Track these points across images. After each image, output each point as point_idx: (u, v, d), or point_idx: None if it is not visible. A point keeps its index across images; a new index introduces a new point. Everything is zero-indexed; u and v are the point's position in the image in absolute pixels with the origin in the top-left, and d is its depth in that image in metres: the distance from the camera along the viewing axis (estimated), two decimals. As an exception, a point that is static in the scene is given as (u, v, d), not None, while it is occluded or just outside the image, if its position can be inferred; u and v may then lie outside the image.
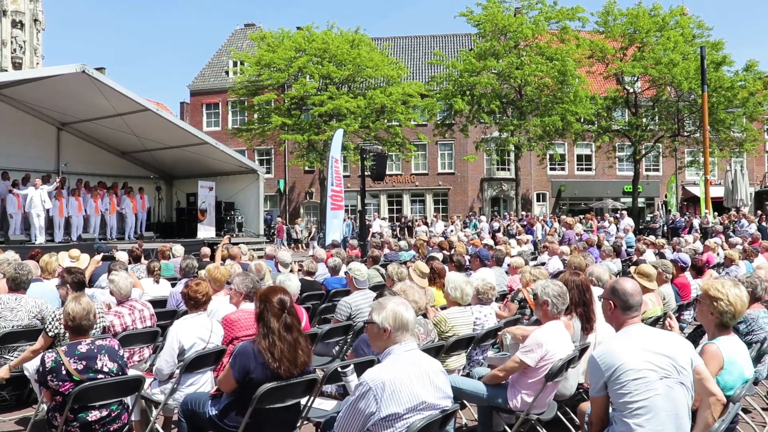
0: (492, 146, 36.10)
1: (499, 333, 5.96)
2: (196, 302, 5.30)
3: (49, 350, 4.65)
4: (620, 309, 3.81)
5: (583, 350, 5.21)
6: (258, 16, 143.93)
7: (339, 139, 23.49)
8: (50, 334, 5.60)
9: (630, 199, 37.20)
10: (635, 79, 34.40)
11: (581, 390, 5.67)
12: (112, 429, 4.54)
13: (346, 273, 10.11)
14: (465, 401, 5.35)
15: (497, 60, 32.14)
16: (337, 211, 22.97)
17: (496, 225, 25.98)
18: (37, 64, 35.40)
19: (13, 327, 6.12)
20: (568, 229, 20.27)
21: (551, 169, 42.26)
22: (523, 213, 32.24)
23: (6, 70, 31.87)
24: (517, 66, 31.38)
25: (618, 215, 25.84)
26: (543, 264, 11.93)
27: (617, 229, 21.80)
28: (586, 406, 4.42)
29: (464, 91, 32.13)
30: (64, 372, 4.36)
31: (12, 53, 34.78)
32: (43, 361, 4.45)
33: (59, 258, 9.38)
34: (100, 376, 4.46)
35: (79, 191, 19.91)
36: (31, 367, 5.59)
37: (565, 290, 5.00)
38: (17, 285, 6.41)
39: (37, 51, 36.42)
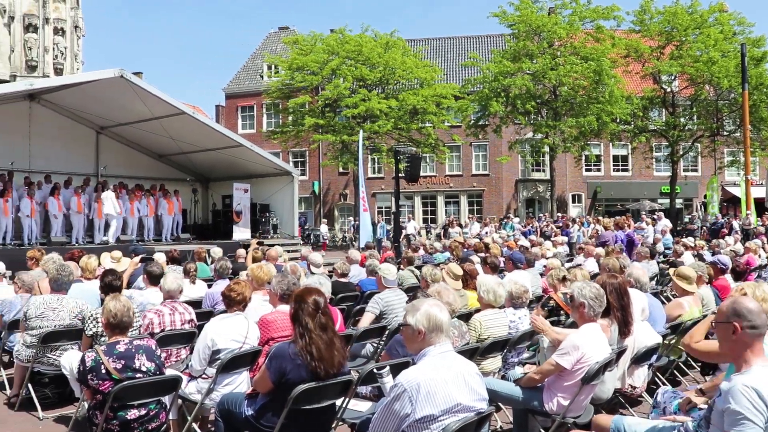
0: (526, 147, 35.82)
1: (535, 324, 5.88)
2: (230, 301, 5.36)
3: (89, 350, 4.75)
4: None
5: (620, 353, 5.15)
6: (292, 19, 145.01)
7: (360, 141, 23.70)
8: (88, 333, 5.73)
9: (667, 200, 36.61)
10: (673, 78, 33.81)
11: (618, 394, 5.61)
12: (150, 428, 4.62)
13: (375, 273, 10.17)
14: (500, 404, 5.33)
15: (531, 61, 31.89)
16: (367, 212, 23.02)
17: (524, 226, 25.78)
18: (77, 69, 36.08)
19: (55, 327, 6.27)
20: (606, 230, 20.01)
21: (587, 170, 41.79)
22: (559, 214, 31.93)
23: (48, 76, 32.53)
24: (552, 66, 31.10)
25: (655, 216, 25.43)
26: (579, 266, 11.80)
27: (654, 230, 21.46)
28: (604, 419, 4.36)
29: (499, 92, 31.96)
30: (103, 371, 4.46)
31: (54, 59, 35.52)
32: (83, 361, 4.55)
33: (101, 259, 9.58)
34: (138, 375, 4.56)
35: (118, 194, 20.25)
36: (69, 366, 5.71)
37: (602, 292, 4.94)
38: (59, 286, 6.56)
39: (78, 57, 37.14)
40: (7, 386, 6.85)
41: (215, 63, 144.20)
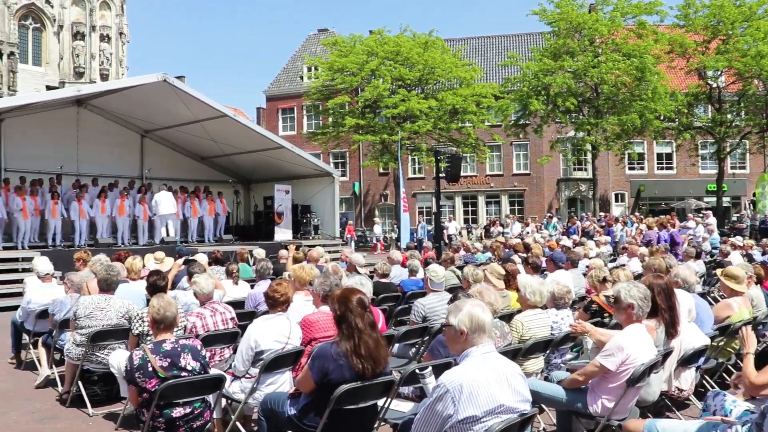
0: (568, 146, 35.38)
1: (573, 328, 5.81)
2: (273, 302, 5.40)
3: (137, 348, 4.86)
4: None
5: (666, 355, 5.06)
6: (331, 21, 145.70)
7: (398, 145, 23.68)
8: (135, 332, 5.86)
9: (714, 199, 35.77)
10: (719, 73, 32.93)
11: (664, 396, 5.51)
12: (195, 426, 4.69)
13: (415, 273, 10.16)
14: (543, 405, 5.27)
15: (572, 58, 31.50)
16: (407, 213, 23.03)
17: (565, 226, 25.44)
18: (122, 74, 36.89)
19: (103, 326, 6.42)
20: (650, 229, 19.66)
21: (630, 168, 41.10)
22: (601, 214, 31.47)
23: (95, 82, 33.31)
24: (593, 64, 30.67)
25: (702, 215, 24.88)
26: (622, 266, 11.63)
27: (703, 229, 20.99)
28: (636, 424, 4.28)
29: (539, 91, 31.65)
30: (150, 369, 4.56)
31: (100, 65, 36.40)
32: (131, 359, 4.66)
33: (145, 260, 9.77)
34: (183, 374, 4.64)
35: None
36: (116, 365, 5.84)
37: (648, 293, 4.87)
38: (107, 286, 6.72)
39: (122, 62, 37.97)
40: (59, 383, 7.04)
41: (256, 66, 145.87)
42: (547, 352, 5.91)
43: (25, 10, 34.70)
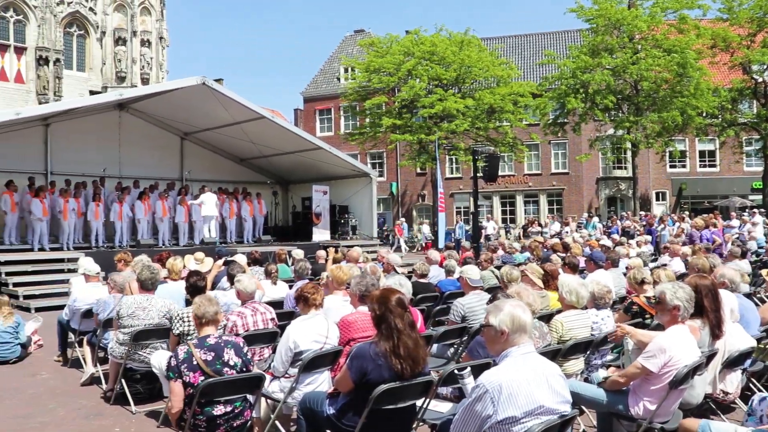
0: (607, 144, 34.86)
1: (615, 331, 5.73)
2: (305, 301, 5.44)
3: (182, 344, 4.95)
4: None
5: (710, 357, 4.96)
6: (367, 22, 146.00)
7: (436, 144, 23.61)
8: (175, 332, 5.95)
9: (759, 197, 34.88)
10: (765, 67, 32.06)
11: (708, 399, 5.40)
12: (235, 425, 4.75)
13: (452, 273, 10.12)
14: (583, 407, 5.21)
15: (611, 55, 31.04)
16: (443, 213, 22.99)
17: (605, 225, 25.09)
18: (162, 78, 37.49)
19: (145, 325, 6.53)
20: (693, 228, 19.29)
21: (671, 166, 40.29)
22: (642, 212, 30.95)
23: (136, 86, 33.93)
24: (633, 60, 30.18)
25: (746, 213, 24.30)
26: (664, 266, 11.42)
27: (751, 228, 20.45)
28: (691, 423, 4.20)
29: (577, 89, 31.27)
30: (194, 362, 4.64)
31: (141, 70, 37.07)
32: (176, 354, 4.75)
33: (185, 260, 9.92)
34: (226, 369, 4.71)
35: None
36: (158, 365, 5.94)
37: (693, 294, 4.78)
38: (148, 286, 6.83)
39: (163, 66, 38.58)
40: (103, 381, 7.18)
41: (293, 68, 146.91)
42: (588, 352, 5.84)
43: (70, 18, 35.54)
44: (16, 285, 14.56)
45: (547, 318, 6.33)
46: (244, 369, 4.84)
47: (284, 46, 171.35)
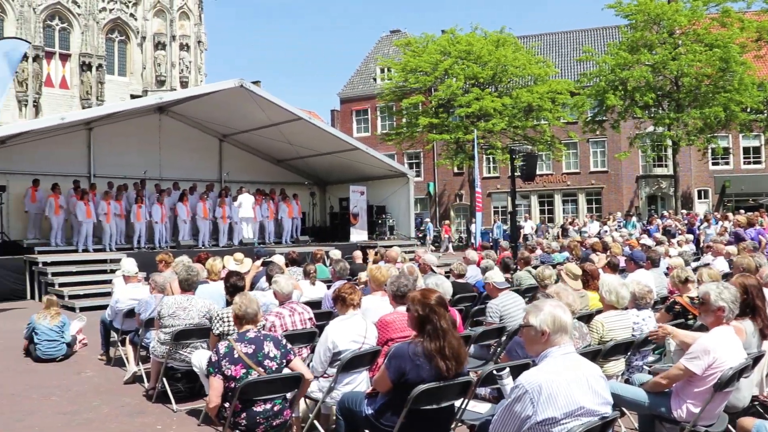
0: (647, 142, 34.26)
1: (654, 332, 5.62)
2: (343, 301, 5.48)
3: (222, 341, 5.03)
4: None
5: (757, 359, 4.84)
6: (403, 22, 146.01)
7: (475, 141, 23.45)
8: (215, 332, 6.02)
9: (807, 194, 33.99)
10: (813, 60, 31.24)
11: (756, 402, 5.27)
12: (275, 423, 4.79)
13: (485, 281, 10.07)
14: (624, 409, 5.13)
15: (650, 51, 30.52)
16: (480, 213, 22.87)
17: (646, 224, 24.61)
18: (201, 81, 37.98)
19: (185, 325, 6.63)
20: (738, 227, 18.82)
21: (714, 163, 39.41)
22: (683, 211, 30.36)
23: (175, 90, 34.46)
24: (673, 56, 29.64)
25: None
26: (707, 265, 11.19)
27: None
28: (748, 422, 4.10)
29: (616, 86, 30.81)
30: (236, 355, 4.71)
31: (180, 73, 37.62)
32: (217, 350, 4.83)
33: (224, 261, 10.03)
34: (267, 361, 4.78)
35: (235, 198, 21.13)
36: (198, 364, 6.02)
37: (738, 294, 4.67)
38: (188, 286, 6.93)
39: (201, 69, 39.09)
40: (145, 379, 7.31)
41: (330, 68, 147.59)
42: (628, 353, 5.76)
43: (112, 24, 36.28)
44: (61, 285, 14.91)
45: (586, 318, 6.25)
46: (284, 360, 4.90)
47: (320, 47, 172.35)
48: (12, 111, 31.60)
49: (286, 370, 4.89)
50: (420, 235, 33.13)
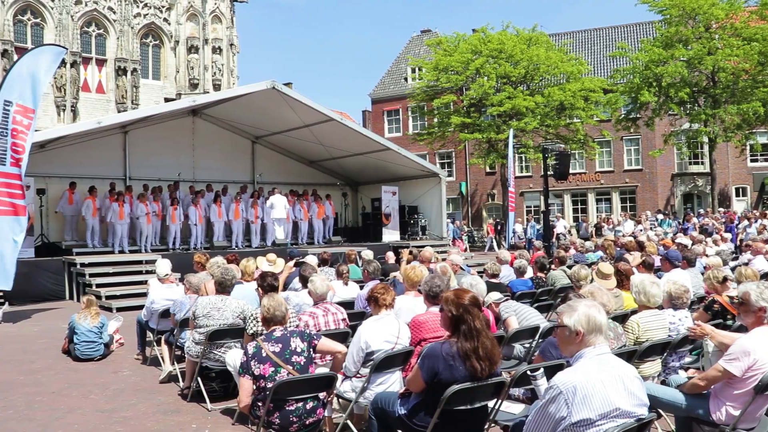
0: (682, 139, 33.64)
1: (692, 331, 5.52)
2: (376, 301, 5.49)
3: (251, 341, 5.08)
4: None
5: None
6: (434, 21, 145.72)
7: (510, 139, 23.18)
8: (249, 332, 6.06)
9: None
10: None
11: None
12: (308, 422, 4.81)
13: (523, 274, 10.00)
14: (661, 411, 5.05)
15: (686, 47, 29.98)
16: (513, 212, 22.71)
17: (682, 222, 24.22)
18: (233, 84, 38.34)
19: (219, 325, 6.69)
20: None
21: (752, 160, 38.59)
22: (721, 209, 29.78)
23: (208, 92, 34.85)
24: (709, 51, 29.08)
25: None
26: (746, 264, 10.97)
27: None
28: None
29: (650, 82, 30.33)
30: (264, 354, 4.78)
31: (213, 76, 38.06)
32: (246, 351, 4.90)
33: (258, 262, 10.11)
34: (294, 357, 4.83)
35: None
36: (232, 363, 6.07)
37: (782, 294, 4.57)
38: (223, 287, 7.00)
39: (233, 72, 39.47)
40: (180, 379, 7.40)
41: (361, 69, 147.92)
42: (665, 354, 5.66)
43: (146, 29, 36.87)
44: (99, 286, 15.17)
45: (621, 318, 6.17)
46: (309, 348, 4.95)
47: (352, 48, 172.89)
48: (51, 116, 32.28)
49: (319, 370, 4.91)
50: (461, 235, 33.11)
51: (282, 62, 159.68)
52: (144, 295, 11.26)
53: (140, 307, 9.65)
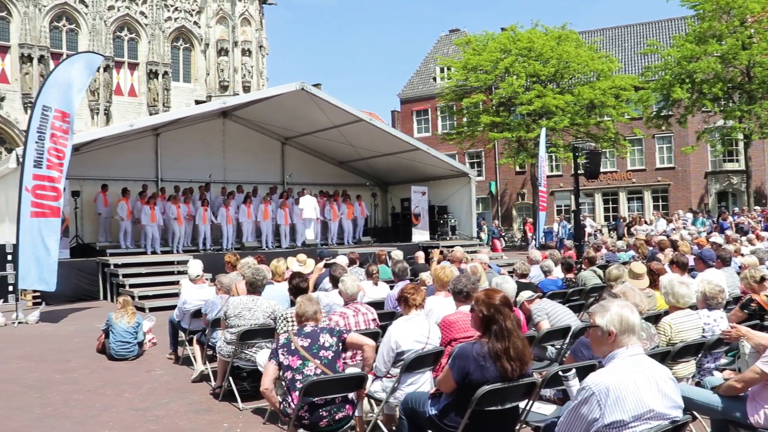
0: (716, 136, 33.02)
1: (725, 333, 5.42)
2: (406, 302, 5.51)
3: (283, 331, 5.16)
4: None
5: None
6: (462, 21, 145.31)
7: (542, 138, 22.91)
8: (280, 332, 6.11)
9: None
10: None
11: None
12: (337, 417, 4.86)
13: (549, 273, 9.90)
14: (696, 413, 4.97)
15: (719, 42, 29.45)
16: (543, 212, 22.50)
17: (716, 221, 23.77)
18: (263, 85, 38.65)
19: (250, 325, 6.74)
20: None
21: (790, 157, 37.81)
22: (757, 208, 29.20)
23: (238, 94, 35.15)
24: (744, 45, 28.53)
25: None
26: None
27: None
28: None
29: (683, 79, 29.85)
30: (293, 347, 4.90)
31: (242, 78, 38.41)
32: (277, 340, 5.06)
33: (288, 262, 10.18)
34: (322, 352, 4.90)
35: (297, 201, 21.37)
36: (263, 362, 6.11)
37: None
38: (254, 288, 7.05)
39: (263, 74, 39.78)
40: (212, 378, 7.47)
41: (389, 69, 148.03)
42: (699, 355, 5.57)
43: (177, 33, 37.39)
44: (132, 286, 15.38)
45: (654, 319, 6.09)
46: (339, 343, 5.03)
47: (380, 49, 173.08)
48: (85, 119, 32.85)
49: (349, 369, 4.93)
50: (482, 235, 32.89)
51: (311, 63, 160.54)
52: (176, 295, 11.39)
53: (172, 307, 9.76)
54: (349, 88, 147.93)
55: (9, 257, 13.55)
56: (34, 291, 14.44)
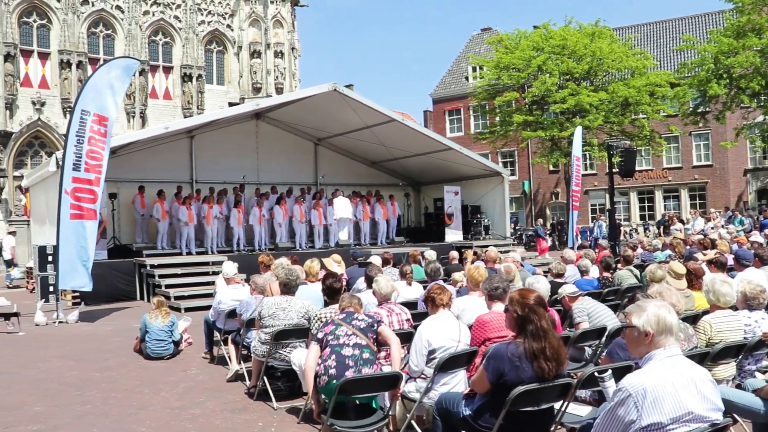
0: (756, 132, 32.27)
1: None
2: (432, 302, 5.54)
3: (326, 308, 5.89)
4: None
5: None
6: (494, 19, 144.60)
7: (578, 136, 22.59)
8: (314, 332, 6.13)
9: None
10: None
11: None
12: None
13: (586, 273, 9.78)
14: (736, 416, 4.87)
15: (758, 35, 28.78)
16: (575, 211, 22.25)
17: (757, 219, 23.27)
18: (295, 87, 38.88)
19: (285, 325, 6.78)
20: None
21: (833, 153, 36.86)
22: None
23: (271, 96, 35.42)
24: (786, 39, 27.81)
25: None
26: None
27: None
28: None
29: (720, 74, 29.24)
30: (328, 320, 5.58)
31: (275, 80, 38.70)
32: (319, 318, 6.00)
33: (326, 263, 10.23)
34: (355, 321, 5.38)
35: (331, 201, 21.45)
36: (297, 362, 6.14)
37: None
38: (288, 288, 7.09)
39: (295, 75, 40.03)
40: (247, 378, 7.54)
41: (421, 69, 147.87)
42: (740, 357, 5.45)
43: (210, 36, 37.85)
44: (168, 287, 15.59)
45: (692, 319, 5.98)
46: (375, 324, 5.43)
47: (412, 49, 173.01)
48: (121, 123, 33.36)
49: (385, 368, 4.96)
50: (518, 234, 32.71)
51: (343, 64, 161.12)
52: (211, 295, 11.50)
53: (207, 308, 9.87)
54: (381, 89, 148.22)
55: (50, 258, 13.82)
56: (74, 291, 14.73)
